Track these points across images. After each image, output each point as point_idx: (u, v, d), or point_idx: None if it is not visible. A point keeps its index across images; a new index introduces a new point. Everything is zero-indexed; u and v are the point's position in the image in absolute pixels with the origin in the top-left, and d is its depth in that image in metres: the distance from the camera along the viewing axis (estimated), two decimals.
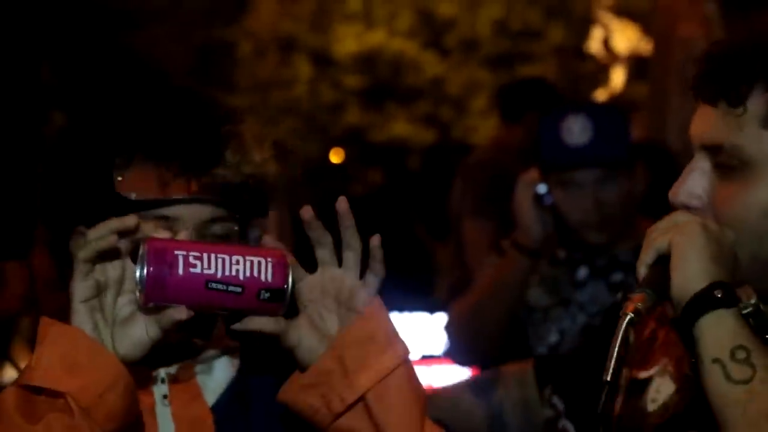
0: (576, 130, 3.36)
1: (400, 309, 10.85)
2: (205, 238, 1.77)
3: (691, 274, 1.63)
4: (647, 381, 1.84)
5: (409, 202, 11.89)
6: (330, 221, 1.82)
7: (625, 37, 12.80)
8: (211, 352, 1.88)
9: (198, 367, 1.87)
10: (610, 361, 1.63)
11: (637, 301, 1.64)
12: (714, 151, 1.69)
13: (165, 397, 1.84)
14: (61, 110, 13.36)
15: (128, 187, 1.77)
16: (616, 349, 1.63)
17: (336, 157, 15.30)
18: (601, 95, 12.69)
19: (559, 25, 14.83)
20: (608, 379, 1.63)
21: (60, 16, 11.67)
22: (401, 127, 15.33)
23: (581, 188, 3.38)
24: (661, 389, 1.82)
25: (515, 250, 3.43)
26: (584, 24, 14.09)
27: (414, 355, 3.38)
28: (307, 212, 1.78)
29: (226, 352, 1.89)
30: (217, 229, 1.79)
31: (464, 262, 5.43)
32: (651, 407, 1.82)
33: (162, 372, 1.85)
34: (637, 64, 12.44)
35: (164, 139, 1.77)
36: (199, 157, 1.77)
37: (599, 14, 13.12)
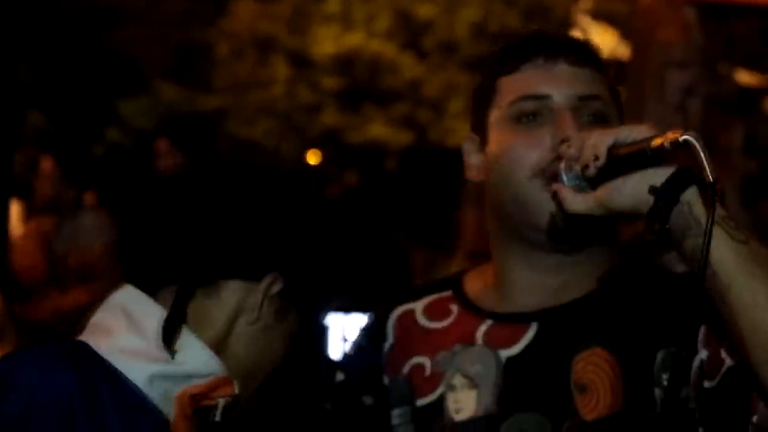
0: None
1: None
2: None
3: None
4: (441, 399, 1.99)
5: (386, 204, 11.90)
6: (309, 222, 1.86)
7: (604, 41, 12.85)
8: None
9: None
10: None
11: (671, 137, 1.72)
12: None
13: None
14: (39, 110, 13.30)
15: None
16: None
17: (313, 158, 15.30)
18: None
19: (539, 27, 14.85)
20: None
21: (38, 16, 11.64)
22: (378, 129, 15.34)
23: None
24: (459, 399, 1.96)
25: None
26: (563, 27, 14.13)
27: None
28: None
29: None
30: None
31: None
32: (458, 418, 1.95)
33: None
34: (615, 68, 12.47)
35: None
36: None
37: (578, 17, 13.17)
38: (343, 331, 12.15)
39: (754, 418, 1.80)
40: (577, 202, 1.80)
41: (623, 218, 1.81)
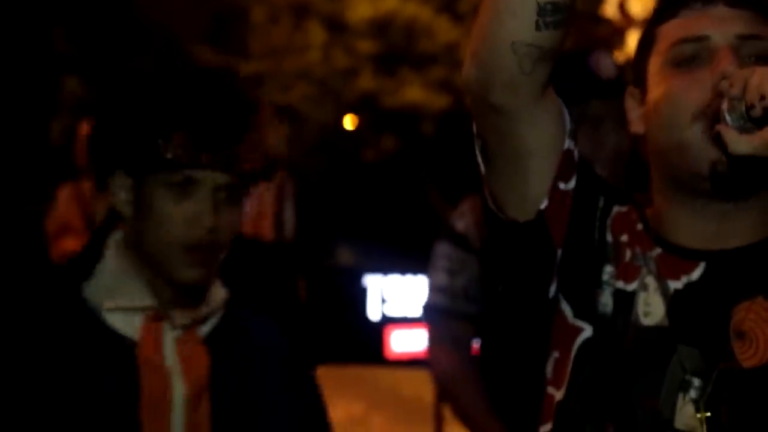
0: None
1: (414, 272, 10.92)
2: (218, 200, 2.10)
3: None
4: (634, 293, 1.90)
5: (423, 168, 11.89)
6: (342, 187, 1.91)
7: (641, 1, 12.76)
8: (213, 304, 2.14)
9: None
10: None
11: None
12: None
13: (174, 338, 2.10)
14: (76, 76, 13.35)
15: (165, 150, 2.10)
16: None
17: (350, 123, 15.30)
18: (617, 59, 12.66)
19: None
20: None
21: None
22: (415, 92, 15.32)
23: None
24: (650, 302, 1.88)
25: None
26: None
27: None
28: None
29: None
30: (224, 195, 2.11)
31: None
32: (646, 322, 1.90)
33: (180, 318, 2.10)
34: None
35: (199, 121, 2.12)
36: (224, 133, 2.13)
37: None
38: (381, 292, 11.99)
39: None
40: (743, 143, 1.75)
41: None
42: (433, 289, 3.33)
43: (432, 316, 3.34)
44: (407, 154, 14.77)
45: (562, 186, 1.94)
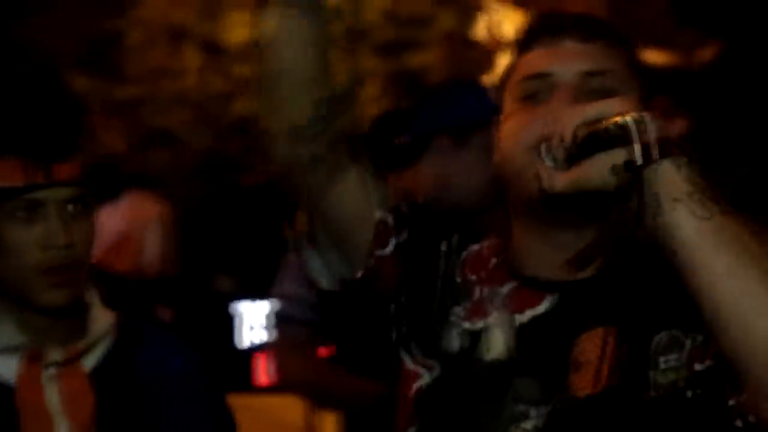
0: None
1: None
2: (66, 216, 2.03)
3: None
4: (479, 331, 1.98)
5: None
6: (222, 211, 1.91)
7: (512, 23, 12.91)
8: (97, 333, 2.07)
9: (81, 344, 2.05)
10: None
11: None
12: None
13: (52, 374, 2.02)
14: None
15: None
16: None
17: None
18: (487, 81, 12.78)
19: (449, 11, 14.91)
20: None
21: None
22: None
23: None
24: (493, 338, 1.95)
25: None
26: (473, 10, 14.17)
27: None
28: None
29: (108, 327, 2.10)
30: (72, 209, 2.05)
31: None
32: (487, 357, 1.96)
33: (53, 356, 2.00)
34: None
35: (24, 133, 2.01)
36: (56, 146, 2.03)
37: (486, 0, 13.22)
38: (252, 318, 11.85)
39: (731, 401, 1.83)
40: (555, 181, 1.81)
41: (611, 197, 1.79)
42: (280, 297, 3.37)
43: (279, 323, 3.38)
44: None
45: (379, 252, 2.02)
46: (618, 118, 1.72)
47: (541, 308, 1.96)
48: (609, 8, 7.45)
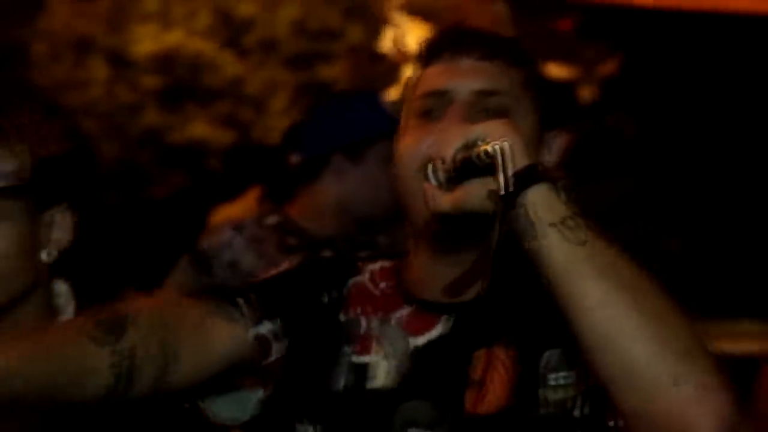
0: None
1: None
2: None
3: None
4: (367, 363, 1.99)
5: (212, 203, 11.86)
6: (134, 222, 1.91)
7: (416, 36, 13.00)
8: None
9: None
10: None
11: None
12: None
13: None
14: None
15: None
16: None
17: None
18: (393, 94, 12.85)
19: (357, 25, 14.99)
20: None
21: None
22: (200, 128, 15.27)
23: None
24: (380, 366, 1.97)
25: None
26: (381, 24, 14.26)
27: None
28: None
29: None
30: None
31: None
32: (374, 385, 1.98)
33: None
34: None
35: None
36: None
37: (391, 13, 13.31)
38: None
39: (610, 423, 1.87)
40: (439, 201, 1.83)
41: (491, 220, 1.81)
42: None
43: None
44: (196, 190, 14.69)
45: (265, 362, 2.05)
46: (488, 146, 1.73)
47: (436, 331, 1.95)
48: (513, 22, 7.55)
